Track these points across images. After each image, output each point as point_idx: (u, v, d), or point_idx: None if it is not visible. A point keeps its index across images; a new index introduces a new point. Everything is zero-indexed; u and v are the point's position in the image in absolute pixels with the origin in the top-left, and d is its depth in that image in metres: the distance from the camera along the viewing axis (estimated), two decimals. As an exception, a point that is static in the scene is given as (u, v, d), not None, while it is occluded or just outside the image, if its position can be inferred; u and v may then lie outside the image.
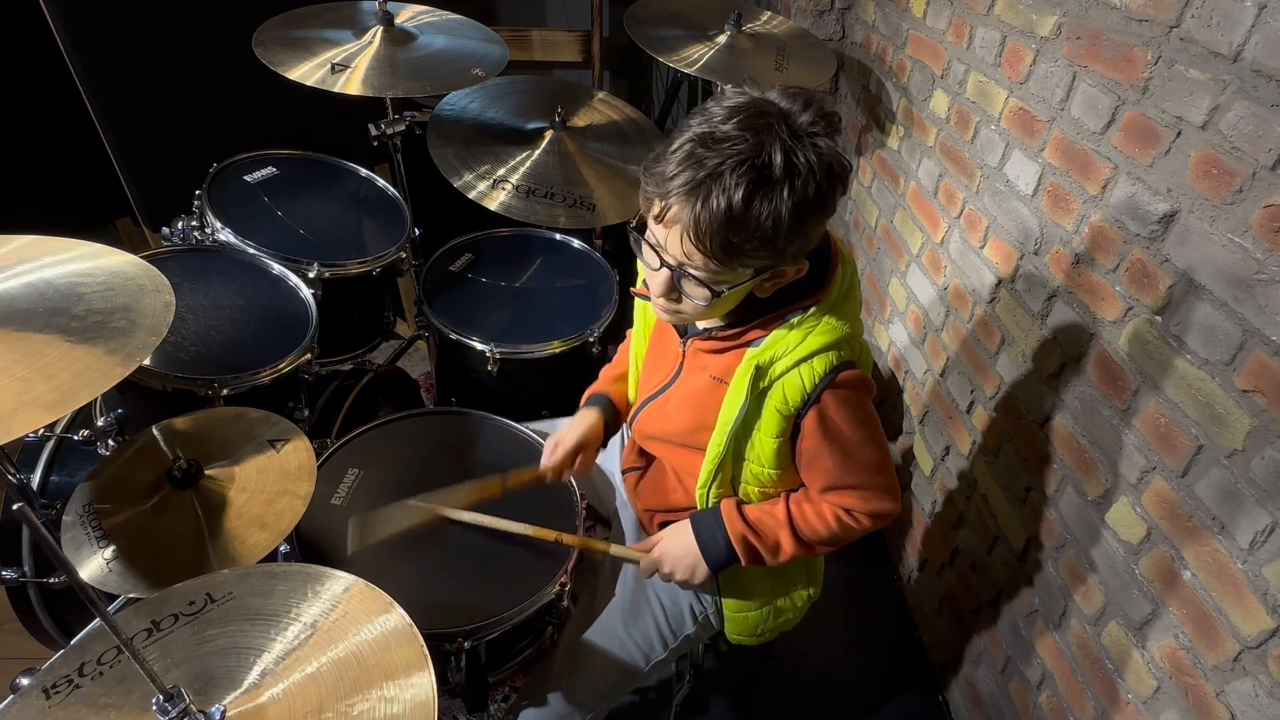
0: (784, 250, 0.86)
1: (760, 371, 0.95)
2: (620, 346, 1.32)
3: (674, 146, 0.83)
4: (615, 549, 1.18)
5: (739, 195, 0.79)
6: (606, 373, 1.32)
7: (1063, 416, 1.31)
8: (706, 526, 1.08)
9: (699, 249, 0.83)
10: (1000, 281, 1.50)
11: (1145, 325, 1.12)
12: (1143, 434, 1.13)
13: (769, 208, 0.80)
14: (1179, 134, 1.05)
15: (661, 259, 0.89)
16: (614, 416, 1.26)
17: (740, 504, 1.08)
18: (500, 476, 1.20)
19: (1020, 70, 1.42)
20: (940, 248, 1.75)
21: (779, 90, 0.86)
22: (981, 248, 1.58)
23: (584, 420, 1.22)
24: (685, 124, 0.85)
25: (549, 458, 1.19)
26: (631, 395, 1.25)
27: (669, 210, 0.84)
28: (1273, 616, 0.93)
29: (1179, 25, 1.05)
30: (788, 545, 1.05)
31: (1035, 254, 1.39)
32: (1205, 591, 1.02)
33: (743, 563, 1.07)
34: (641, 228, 0.93)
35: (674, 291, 0.92)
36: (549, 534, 1.16)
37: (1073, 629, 1.30)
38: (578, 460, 1.22)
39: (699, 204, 0.80)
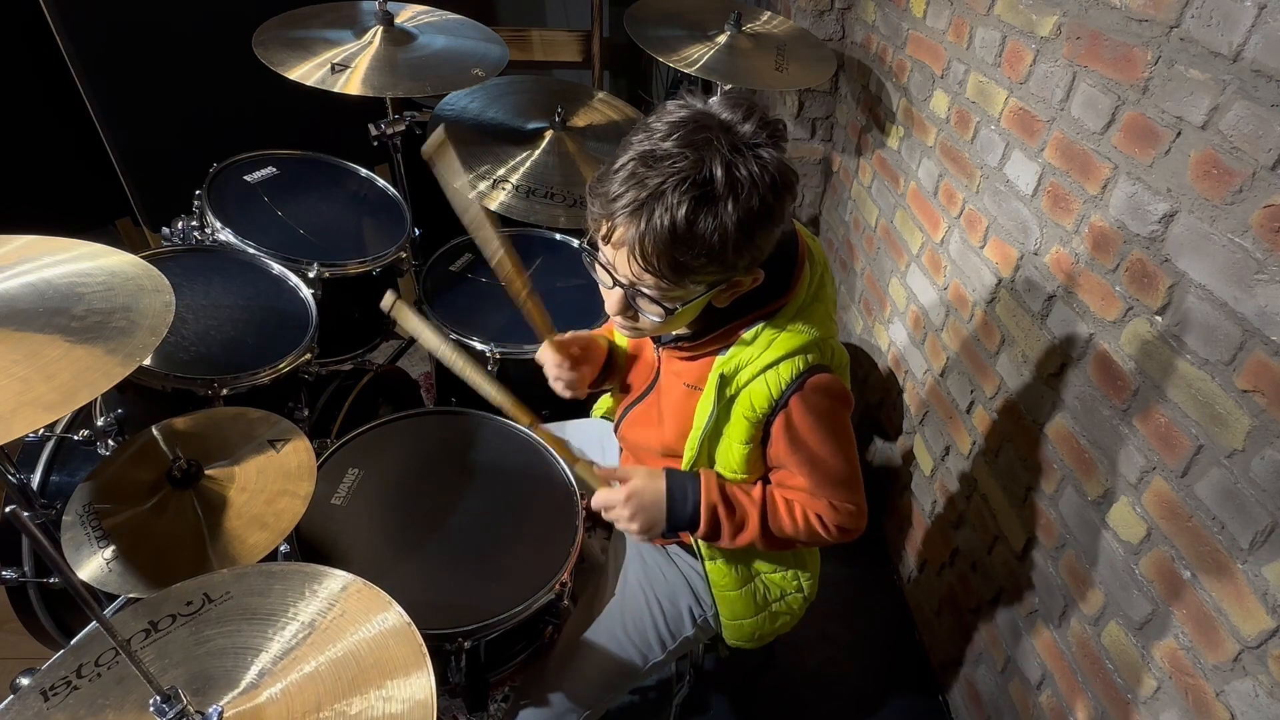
0: (734, 264, 0.85)
1: (725, 379, 0.95)
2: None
3: (616, 166, 0.83)
4: (581, 466, 1.11)
5: (682, 213, 0.79)
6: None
7: (1063, 416, 1.31)
8: (681, 485, 1.04)
9: (647, 269, 0.83)
10: (1000, 281, 1.50)
11: (1145, 325, 1.12)
12: (1143, 434, 1.13)
13: (713, 223, 0.80)
14: (1179, 134, 1.05)
15: (613, 278, 0.89)
16: (612, 351, 1.24)
17: (720, 476, 1.05)
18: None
19: (1020, 70, 1.42)
20: (940, 248, 1.75)
21: (721, 100, 0.85)
22: (981, 248, 1.58)
23: (591, 332, 1.20)
24: (627, 141, 0.85)
25: (557, 338, 1.14)
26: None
27: (615, 231, 0.84)
28: (1273, 616, 0.93)
29: (1179, 25, 1.04)
30: (751, 528, 1.02)
31: (1035, 254, 1.39)
32: (1205, 591, 1.02)
33: (699, 531, 1.03)
34: (594, 246, 0.93)
35: (629, 309, 0.92)
36: (525, 417, 1.09)
37: (1073, 629, 1.30)
38: (574, 372, 1.15)
39: (643, 224, 0.80)
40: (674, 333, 1.03)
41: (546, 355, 1.15)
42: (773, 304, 0.95)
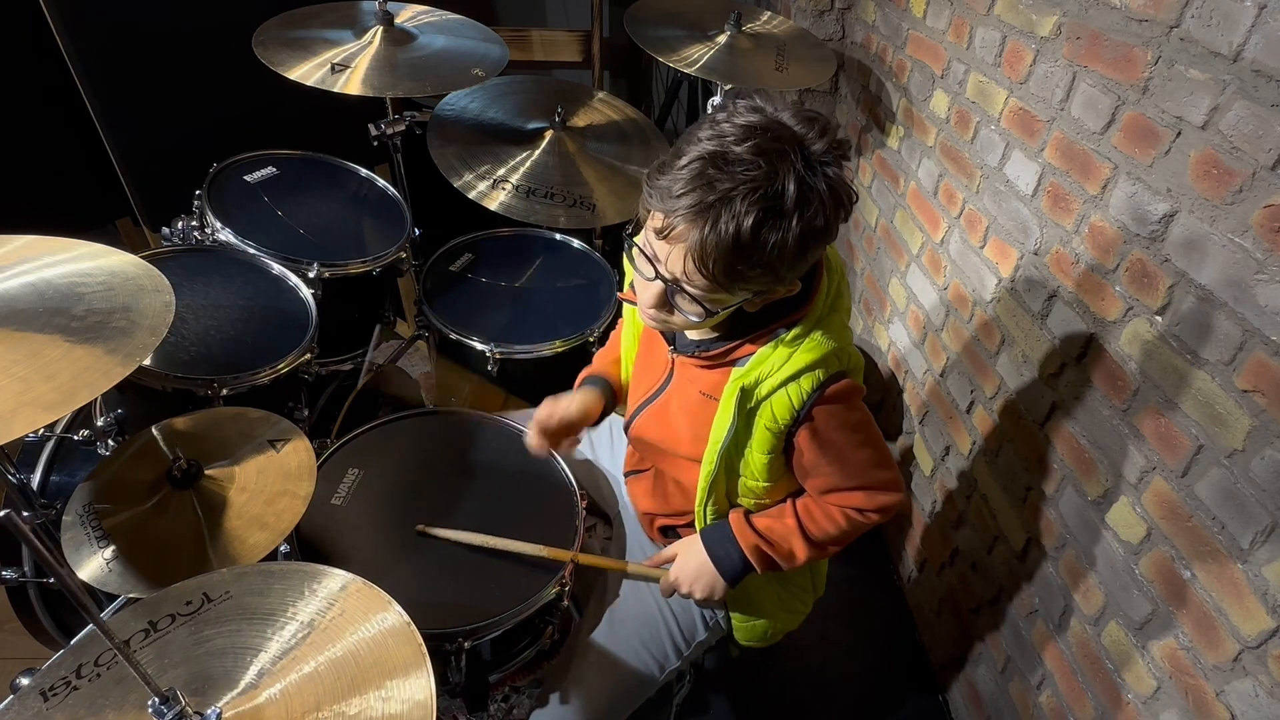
0: (784, 276, 0.85)
1: (746, 393, 0.95)
2: (611, 334, 1.32)
3: (683, 161, 0.80)
4: (633, 568, 1.18)
5: (749, 223, 0.77)
6: (600, 356, 1.31)
7: (1063, 416, 1.31)
8: (718, 542, 1.07)
9: (700, 271, 0.82)
10: (1000, 281, 1.50)
11: (1145, 325, 1.12)
12: (1143, 434, 1.13)
13: (777, 237, 0.79)
14: (1179, 134, 1.05)
15: (658, 271, 0.87)
16: (611, 396, 1.25)
17: (748, 514, 1.08)
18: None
19: (1020, 70, 1.42)
20: (940, 248, 1.75)
21: (793, 112, 0.83)
22: (981, 248, 1.57)
23: (584, 397, 1.20)
24: (695, 135, 0.82)
25: (543, 421, 1.16)
26: (625, 376, 1.24)
27: (674, 228, 0.81)
28: (1273, 616, 0.93)
29: (1179, 25, 1.04)
30: (801, 551, 1.05)
31: (1035, 254, 1.39)
32: (1205, 591, 1.02)
33: (759, 571, 1.07)
34: (637, 232, 0.91)
35: (666, 305, 0.91)
36: (564, 555, 1.16)
37: (1073, 629, 1.30)
38: (566, 440, 1.19)
39: (707, 227, 0.78)
40: (692, 339, 1.03)
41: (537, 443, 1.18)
42: (792, 314, 0.95)
